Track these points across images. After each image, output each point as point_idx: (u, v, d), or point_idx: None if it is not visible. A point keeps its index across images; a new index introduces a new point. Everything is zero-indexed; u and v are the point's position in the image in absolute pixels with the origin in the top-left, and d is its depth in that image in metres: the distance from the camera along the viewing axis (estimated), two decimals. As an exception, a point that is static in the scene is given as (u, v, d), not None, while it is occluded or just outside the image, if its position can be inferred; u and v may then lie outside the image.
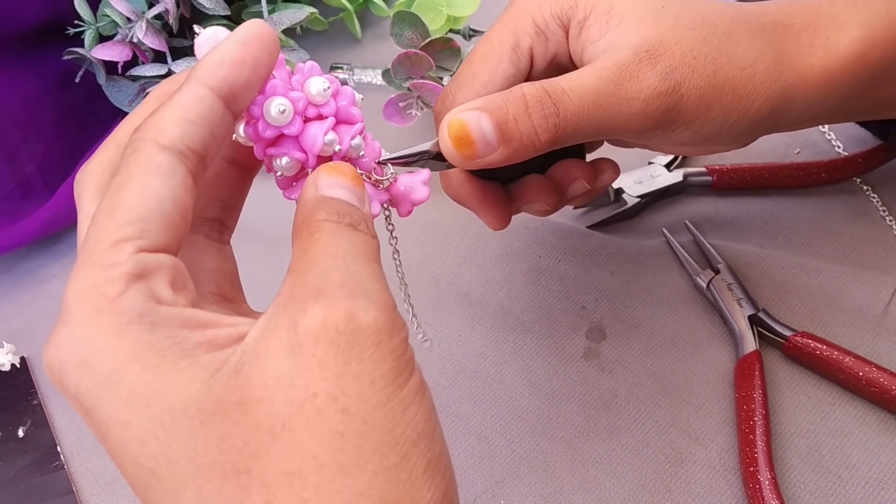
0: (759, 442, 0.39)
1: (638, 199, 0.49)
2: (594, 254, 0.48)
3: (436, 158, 0.33)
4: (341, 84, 0.29)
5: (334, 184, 0.27)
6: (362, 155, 0.30)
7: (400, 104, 0.51)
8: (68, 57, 0.51)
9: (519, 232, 0.49)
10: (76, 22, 0.51)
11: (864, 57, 0.34)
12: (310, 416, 0.22)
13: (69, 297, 0.23)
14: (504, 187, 0.38)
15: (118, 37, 0.50)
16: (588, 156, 0.41)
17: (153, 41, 0.50)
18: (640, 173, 0.50)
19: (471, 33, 0.57)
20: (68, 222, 0.53)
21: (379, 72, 0.57)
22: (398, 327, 0.24)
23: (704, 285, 0.46)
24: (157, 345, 0.22)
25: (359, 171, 0.30)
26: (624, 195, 0.49)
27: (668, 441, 0.42)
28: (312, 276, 0.24)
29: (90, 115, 0.55)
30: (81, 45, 0.51)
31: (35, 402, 0.45)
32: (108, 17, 0.50)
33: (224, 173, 0.30)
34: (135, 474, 0.22)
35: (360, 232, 0.26)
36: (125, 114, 0.54)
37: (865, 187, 0.50)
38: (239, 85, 0.25)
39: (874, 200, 0.50)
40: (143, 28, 0.49)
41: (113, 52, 0.49)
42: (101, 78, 0.52)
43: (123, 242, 0.23)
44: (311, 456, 0.22)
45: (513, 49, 0.35)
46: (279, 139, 0.28)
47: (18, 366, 0.47)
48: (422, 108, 0.50)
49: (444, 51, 0.50)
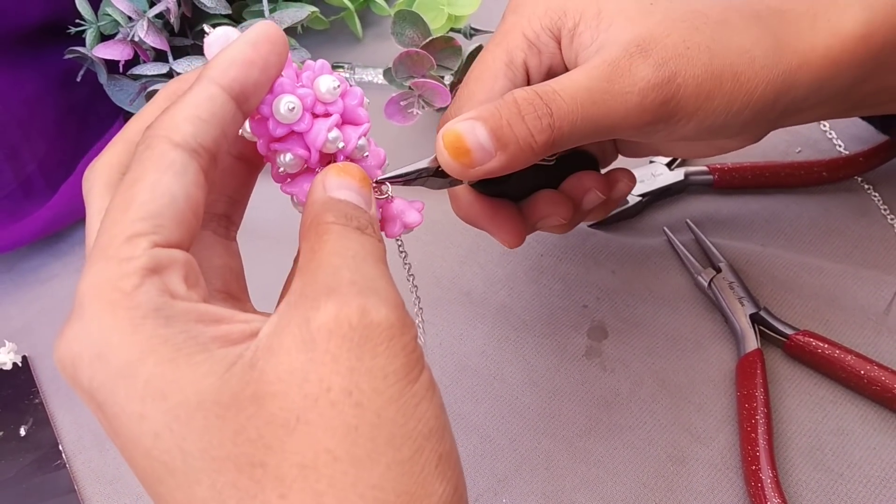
0: (761, 440, 0.39)
1: (639, 198, 0.49)
2: (596, 253, 0.48)
3: (436, 175, 0.32)
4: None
5: (342, 185, 0.27)
6: (366, 156, 0.30)
7: (401, 103, 0.51)
8: (70, 56, 0.51)
9: (520, 231, 0.49)
10: (77, 21, 0.51)
11: (867, 39, 0.34)
12: (324, 410, 0.22)
13: (83, 291, 0.23)
14: (516, 205, 0.38)
15: (119, 36, 0.50)
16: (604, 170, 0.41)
17: (154, 40, 0.50)
18: (641, 172, 0.50)
19: (472, 32, 0.57)
20: (70, 221, 0.53)
21: (380, 71, 0.57)
22: (408, 325, 0.24)
23: (706, 284, 0.46)
24: (172, 339, 0.22)
25: None
26: (625, 194, 0.50)
27: (670, 439, 0.42)
28: (323, 276, 0.24)
29: (92, 114, 0.55)
30: (83, 44, 0.51)
31: (37, 400, 0.45)
32: (110, 16, 0.50)
33: (231, 169, 0.30)
34: (147, 468, 0.22)
35: (368, 235, 0.26)
36: (127, 113, 0.55)
37: (867, 186, 0.50)
38: (250, 85, 0.26)
39: (875, 199, 0.50)
40: (145, 27, 0.49)
41: (114, 51, 0.50)
42: (103, 77, 0.52)
43: (138, 237, 0.23)
44: (326, 449, 0.22)
45: (507, 66, 0.35)
46: (286, 135, 0.28)
47: (20, 365, 0.47)
48: (423, 107, 0.50)
49: (445, 50, 0.50)
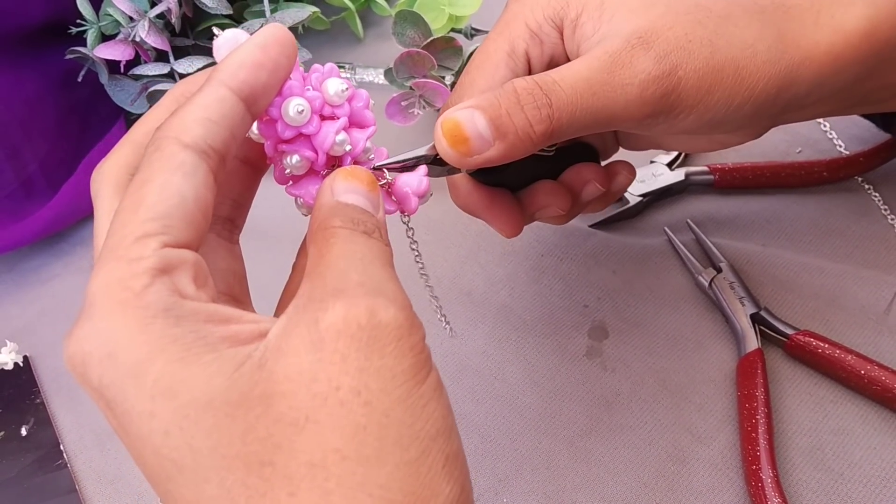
0: (762, 440, 0.39)
1: (640, 198, 0.49)
2: (596, 252, 0.48)
3: (434, 163, 0.32)
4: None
5: (350, 189, 0.27)
6: (372, 158, 0.30)
7: (402, 103, 0.51)
8: (71, 56, 0.51)
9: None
10: (78, 21, 0.51)
11: (871, 35, 0.34)
12: (333, 409, 0.22)
13: (93, 291, 0.23)
14: (515, 195, 0.38)
15: (120, 36, 0.50)
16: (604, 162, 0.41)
17: (155, 40, 0.50)
18: (642, 172, 0.50)
19: (473, 32, 0.57)
20: (71, 221, 0.53)
21: (381, 71, 0.57)
22: (416, 325, 0.24)
23: (706, 284, 0.46)
24: (182, 338, 0.22)
25: None
26: (626, 194, 0.50)
27: (671, 439, 0.42)
28: (331, 278, 0.24)
29: (93, 114, 0.55)
30: (84, 44, 0.51)
31: (38, 400, 0.45)
32: (111, 16, 0.50)
33: (236, 172, 0.31)
34: (156, 465, 0.22)
35: (375, 239, 0.26)
36: (127, 113, 0.55)
37: (867, 186, 0.50)
38: (259, 87, 0.26)
39: (876, 199, 0.50)
40: (146, 27, 0.49)
41: (115, 51, 0.50)
42: (104, 77, 0.52)
43: (147, 238, 0.23)
44: (334, 448, 0.22)
45: (508, 55, 0.35)
46: (293, 137, 0.28)
47: (21, 364, 0.47)
48: (424, 108, 0.50)
49: (446, 50, 0.50)
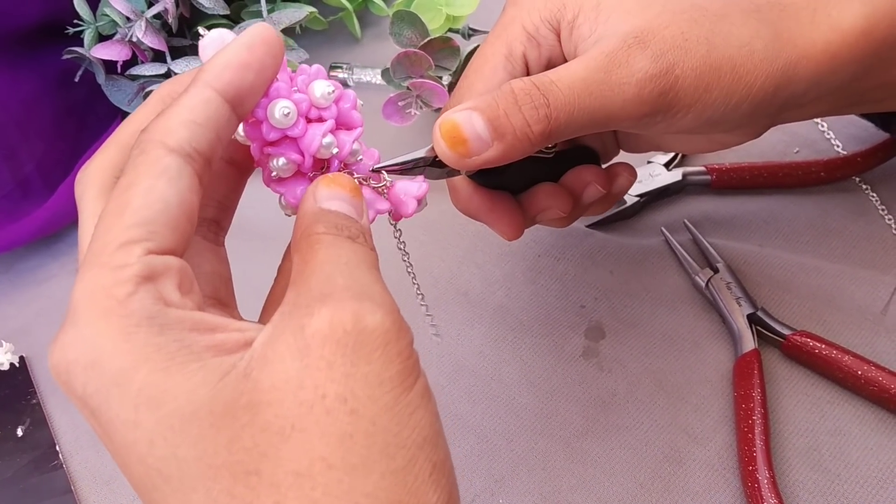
0: (758, 441, 0.39)
1: (637, 198, 0.49)
2: (593, 253, 0.48)
3: (433, 165, 0.32)
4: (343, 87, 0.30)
5: (332, 196, 0.27)
6: (360, 159, 0.30)
7: (399, 103, 0.51)
8: (68, 56, 0.51)
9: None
10: (75, 21, 0.51)
11: (868, 33, 0.34)
12: (319, 417, 0.22)
13: (77, 298, 0.23)
14: (515, 198, 0.38)
15: (117, 36, 0.50)
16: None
17: (152, 40, 0.50)
18: (639, 172, 0.49)
19: (470, 32, 0.57)
20: (67, 222, 0.53)
21: (378, 71, 0.57)
22: (404, 330, 0.24)
23: (703, 284, 0.46)
24: (165, 347, 0.22)
25: (358, 177, 0.30)
26: (623, 194, 0.50)
27: (667, 440, 0.42)
28: (316, 283, 0.24)
29: (90, 114, 0.55)
30: (81, 44, 0.51)
31: (34, 401, 0.45)
32: (108, 16, 0.50)
33: (221, 173, 0.30)
34: (142, 475, 0.22)
35: (359, 244, 0.26)
36: (125, 113, 0.55)
37: (864, 186, 0.50)
38: (245, 88, 0.26)
39: (873, 199, 0.49)
40: (143, 27, 0.49)
41: (112, 51, 0.50)
42: (101, 77, 0.52)
43: (132, 244, 0.23)
44: (320, 456, 0.22)
45: (506, 58, 0.35)
46: (279, 140, 0.28)
47: (17, 365, 0.47)
48: (421, 108, 0.50)
49: (443, 50, 0.50)
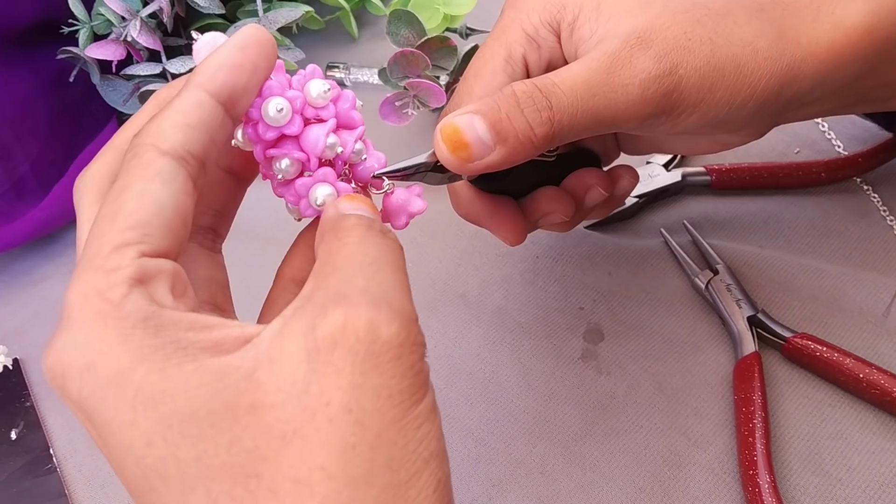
0: (759, 444, 0.39)
1: (636, 199, 0.49)
2: (592, 254, 0.48)
3: (434, 171, 0.32)
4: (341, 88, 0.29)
5: (355, 208, 0.27)
6: (364, 159, 0.30)
7: (396, 103, 0.50)
8: (62, 56, 0.50)
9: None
10: (70, 21, 0.50)
11: (871, 32, 0.33)
12: (321, 425, 0.22)
13: (71, 302, 0.22)
14: (517, 202, 0.37)
15: (112, 36, 0.50)
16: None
17: (147, 40, 0.49)
18: (638, 173, 0.50)
19: (467, 32, 0.57)
20: (63, 223, 0.53)
21: (375, 71, 0.56)
22: (418, 343, 0.23)
23: (703, 286, 0.45)
24: (162, 348, 0.22)
25: (358, 185, 0.30)
26: (622, 195, 0.49)
27: (667, 443, 0.41)
28: (335, 281, 0.23)
29: (85, 114, 0.54)
30: (76, 44, 0.50)
31: (28, 404, 0.45)
32: (103, 15, 0.50)
33: (219, 182, 0.30)
34: (139, 476, 0.22)
35: (389, 239, 0.26)
36: (120, 113, 0.54)
37: (866, 187, 0.50)
38: (238, 89, 0.26)
39: (875, 200, 0.49)
40: (138, 27, 0.49)
41: (107, 51, 0.49)
42: (96, 77, 0.51)
43: (125, 247, 0.23)
44: (320, 465, 0.21)
45: (506, 61, 0.35)
46: (279, 141, 0.28)
47: (11, 367, 0.46)
48: (418, 108, 0.50)
49: (440, 49, 0.50)
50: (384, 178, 0.30)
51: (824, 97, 0.35)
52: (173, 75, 0.51)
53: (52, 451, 0.43)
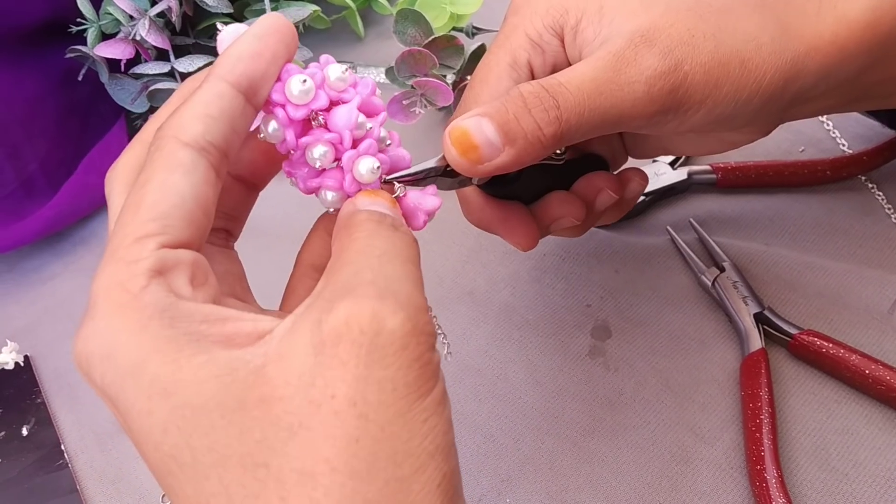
0: (766, 440, 0.39)
1: (643, 198, 0.49)
2: (599, 252, 0.48)
3: (444, 175, 0.32)
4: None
5: (373, 203, 0.27)
6: (389, 144, 0.29)
7: (403, 102, 0.50)
8: (71, 55, 0.50)
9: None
10: (79, 20, 0.51)
11: (874, 26, 0.34)
12: (326, 418, 0.22)
13: (95, 292, 0.23)
14: (527, 207, 0.37)
15: (121, 35, 0.50)
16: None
17: (156, 39, 0.49)
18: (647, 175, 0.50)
19: (474, 31, 0.57)
20: (71, 221, 0.53)
21: (382, 70, 0.57)
22: (426, 333, 0.23)
23: (710, 283, 0.45)
24: (176, 340, 0.22)
25: (369, 189, 0.29)
26: (628, 193, 0.49)
27: (674, 439, 0.41)
28: (344, 275, 0.24)
29: (93, 113, 0.54)
30: (84, 43, 0.51)
31: (39, 400, 0.45)
32: (111, 14, 0.50)
33: (230, 188, 0.30)
34: (158, 460, 0.23)
35: (401, 232, 0.26)
36: (128, 112, 0.55)
37: (871, 185, 0.50)
38: (257, 78, 0.26)
39: (879, 198, 0.49)
40: (146, 26, 0.49)
41: (116, 50, 0.49)
42: (104, 76, 0.52)
43: (146, 238, 0.23)
44: (325, 458, 0.22)
45: (510, 66, 0.35)
46: (308, 129, 0.28)
47: (22, 364, 0.46)
48: (426, 106, 0.50)
49: (447, 48, 0.50)
50: (395, 182, 0.30)
51: (828, 92, 0.35)
52: (181, 74, 0.51)
53: (63, 447, 0.43)
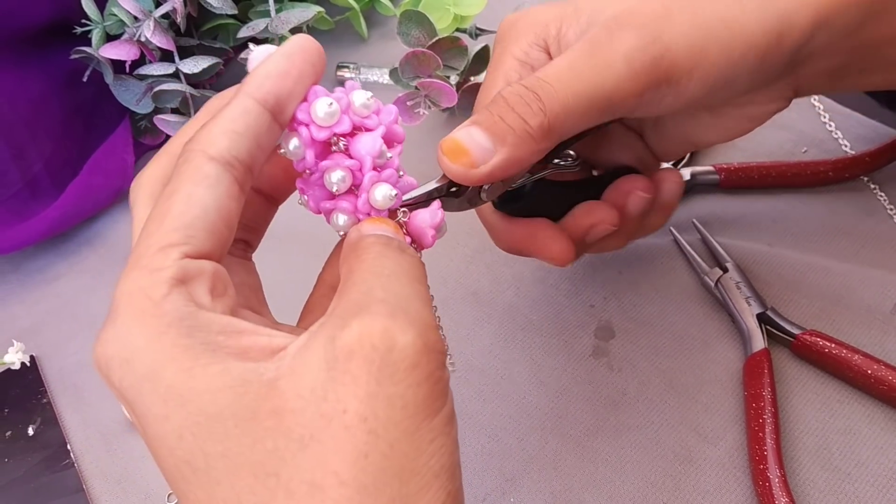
0: (769, 440, 0.39)
1: (645, 198, 0.49)
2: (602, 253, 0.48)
3: (449, 196, 0.32)
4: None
5: (378, 228, 0.27)
6: (401, 176, 0.30)
7: (407, 103, 0.51)
8: (76, 56, 0.51)
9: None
10: (83, 21, 0.51)
11: None
12: (336, 432, 0.22)
13: (117, 297, 0.24)
14: (557, 224, 0.37)
15: (125, 36, 0.50)
16: None
17: (160, 40, 0.50)
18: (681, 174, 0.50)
19: (477, 32, 0.57)
20: (76, 221, 0.53)
21: (386, 71, 0.57)
22: (437, 351, 0.24)
23: (713, 284, 0.46)
24: (192, 349, 0.23)
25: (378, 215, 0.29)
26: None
27: (678, 439, 0.42)
28: (355, 294, 0.24)
29: (98, 114, 0.55)
30: (89, 44, 0.51)
31: (45, 400, 0.45)
32: (116, 16, 0.50)
33: (250, 200, 0.31)
34: (172, 465, 0.23)
35: (408, 254, 0.26)
36: (132, 113, 0.55)
37: (873, 186, 0.50)
38: (284, 96, 0.27)
39: (882, 199, 0.50)
40: (151, 27, 0.49)
41: (120, 51, 0.50)
42: (109, 77, 0.52)
43: (170, 248, 0.24)
44: (333, 471, 0.22)
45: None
46: (328, 152, 0.28)
47: (28, 364, 0.47)
48: (429, 107, 0.51)
49: (451, 50, 0.50)
50: (398, 209, 0.30)
51: (832, 47, 0.34)
52: (186, 75, 0.52)
53: (69, 447, 0.43)
